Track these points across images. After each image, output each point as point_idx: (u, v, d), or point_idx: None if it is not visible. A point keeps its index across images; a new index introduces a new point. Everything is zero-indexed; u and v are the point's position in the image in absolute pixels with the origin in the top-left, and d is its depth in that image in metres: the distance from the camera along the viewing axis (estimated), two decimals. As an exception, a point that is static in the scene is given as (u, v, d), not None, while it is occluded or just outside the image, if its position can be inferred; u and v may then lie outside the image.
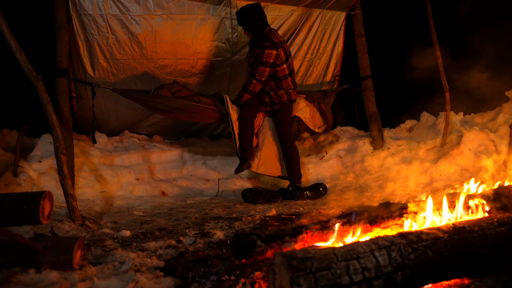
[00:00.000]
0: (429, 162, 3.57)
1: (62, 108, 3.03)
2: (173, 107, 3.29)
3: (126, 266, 1.64)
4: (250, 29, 3.10)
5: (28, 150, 3.37)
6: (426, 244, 1.28)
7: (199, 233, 2.18)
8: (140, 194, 3.48)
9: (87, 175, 3.33)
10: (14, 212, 1.49)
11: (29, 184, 2.88)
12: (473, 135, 3.63)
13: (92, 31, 3.44)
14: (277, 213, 2.76)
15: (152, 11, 3.53)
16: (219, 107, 3.38)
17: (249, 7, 3.12)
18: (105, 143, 3.92)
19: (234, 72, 4.11)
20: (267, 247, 1.49)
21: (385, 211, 1.68)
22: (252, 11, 3.09)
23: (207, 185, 3.81)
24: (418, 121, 4.50)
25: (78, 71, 3.60)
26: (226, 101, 3.32)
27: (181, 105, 3.28)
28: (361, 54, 4.27)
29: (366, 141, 4.24)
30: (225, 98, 3.35)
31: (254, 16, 3.09)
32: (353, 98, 5.62)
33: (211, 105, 3.36)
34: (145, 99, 3.33)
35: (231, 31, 3.91)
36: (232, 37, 3.93)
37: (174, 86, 3.48)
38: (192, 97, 3.39)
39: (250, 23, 3.10)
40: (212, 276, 1.52)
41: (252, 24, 3.10)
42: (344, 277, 1.14)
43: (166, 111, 3.36)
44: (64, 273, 1.52)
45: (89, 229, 2.30)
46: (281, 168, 3.46)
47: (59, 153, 2.37)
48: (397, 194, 3.25)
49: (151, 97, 3.33)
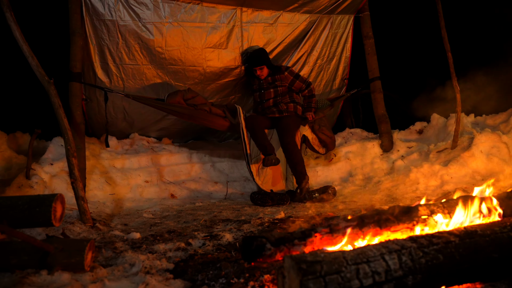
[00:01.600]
0: (440, 164, 3.53)
1: (74, 112, 3.07)
2: (185, 114, 3.51)
3: (136, 268, 1.65)
4: (269, 64, 3.77)
5: (40, 153, 3.42)
6: (437, 248, 1.27)
7: (208, 236, 2.19)
8: (149, 196, 3.51)
9: (97, 178, 3.36)
10: (27, 215, 1.52)
11: (41, 187, 2.92)
12: (484, 137, 3.57)
13: (103, 36, 3.48)
14: (286, 216, 2.76)
15: (162, 18, 3.55)
16: (229, 117, 3.62)
17: (263, 49, 3.84)
18: (115, 146, 3.97)
19: (243, 80, 4.13)
20: (276, 250, 1.49)
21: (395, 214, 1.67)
22: (265, 51, 3.85)
23: (216, 187, 3.82)
24: (428, 123, 4.45)
25: (88, 75, 3.64)
26: (239, 112, 3.57)
27: (192, 113, 3.52)
28: (369, 56, 4.25)
29: (375, 144, 4.21)
30: (238, 109, 3.58)
31: (267, 54, 3.85)
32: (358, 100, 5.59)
33: (221, 115, 3.63)
34: (157, 105, 3.50)
35: (241, 39, 3.92)
36: (242, 45, 3.95)
37: (188, 93, 3.63)
38: (203, 106, 3.59)
39: (269, 60, 3.81)
40: (221, 278, 1.52)
41: (269, 60, 3.82)
42: (354, 281, 1.14)
43: (178, 113, 3.53)
44: (75, 274, 1.54)
45: (100, 231, 2.32)
46: (286, 183, 3.61)
47: (70, 156, 2.40)
48: (407, 197, 3.22)
49: (163, 104, 3.50)
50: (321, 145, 3.83)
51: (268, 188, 3.49)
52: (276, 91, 3.71)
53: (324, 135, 3.78)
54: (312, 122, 3.74)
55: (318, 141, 3.81)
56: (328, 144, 3.82)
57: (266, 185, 3.51)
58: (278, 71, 3.75)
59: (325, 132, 3.80)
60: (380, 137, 4.23)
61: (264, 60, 3.73)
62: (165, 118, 4.12)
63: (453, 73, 3.69)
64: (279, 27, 4.04)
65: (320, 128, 3.78)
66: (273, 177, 3.58)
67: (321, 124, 3.80)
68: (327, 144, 3.82)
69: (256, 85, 3.83)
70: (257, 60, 3.71)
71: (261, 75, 3.72)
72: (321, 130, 3.78)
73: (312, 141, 3.77)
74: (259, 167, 3.52)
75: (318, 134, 3.78)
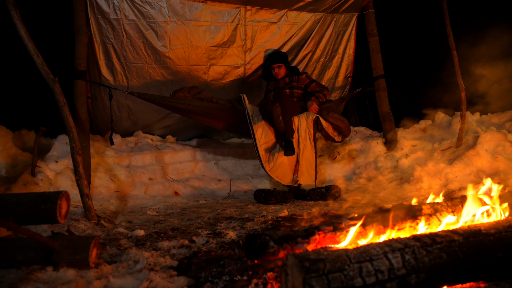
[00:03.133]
0: (444, 163, 3.52)
1: (79, 110, 3.09)
2: (192, 106, 3.44)
3: (141, 265, 1.66)
4: (287, 65, 3.92)
5: (45, 150, 3.45)
6: (440, 247, 1.26)
7: (212, 233, 2.20)
8: (153, 194, 3.52)
9: (102, 175, 3.39)
10: (33, 212, 1.54)
11: (46, 184, 2.94)
12: (490, 136, 3.55)
13: (108, 34, 3.50)
14: (289, 214, 2.76)
15: (166, 17, 3.56)
16: (236, 104, 3.56)
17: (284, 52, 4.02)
18: (119, 144, 3.99)
19: (247, 79, 4.13)
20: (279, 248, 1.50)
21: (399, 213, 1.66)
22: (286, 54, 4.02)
23: (219, 185, 3.83)
24: (433, 121, 4.43)
25: (93, 73, 3.66)
26: (243, 98, 3.48)
27: (198, 106, 3.46)
28: (373, 54, 4.23)
29: (379, 142, 4.20)
30: (242, 97, 3.50)
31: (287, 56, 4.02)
32: (365, 98, 5.57)
33: (227, 105, 3.58)
34: (162, 101, 3.44)
35: (245, 38, 3.92)
36: (245, 44, 3.94)
37: (193, 89, 3.62)
38: (210, 98, 3.57)
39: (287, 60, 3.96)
40: (225, 276, 1.53)
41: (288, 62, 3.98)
42: (357, 279, 1.14)
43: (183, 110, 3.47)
44: (80, 271, 1.56)
45: (104, 228, 2.34)
46: (292, 177, 3.52)
47: (75, 153, 2.42)
48: (411, 196, 3.21)
49: (169, 99, 3.46)
50: (336, 133, 3.75)
51: (276, 177, 3.42)
52: (292, 92, 3.77)
53: (335, 119, 3.69)
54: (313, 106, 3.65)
55: (332, 128, 3.72)
56: (343, 130, 3.72)
57: (276, 173, 3.42)
58: (295, 72, 3.88)
59: (335, 116, 3.71)
60: (384, 135, 4.22)
61: (283, 59, 3.84)
62: (169, 116, 4.14)
63: (458, 71, 3.67)
64: (283, 26, 4.05)
65: (328, 113, 3.69)
66: (283, 168, 3.47)
67: (329, 110, 3.73)
68: (342, 129, 3.72)
69: (272, 86, 3.85)
70: (276, 58, 3.83)
71: (278, 73, 3.79)
72: (330, 115, 3.69)
73: (327, 129, 3.67)
74: (269, 155, 3.45)
75: (329, 119, 3.68)
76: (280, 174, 3.45)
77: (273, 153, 3.45)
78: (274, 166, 3.43)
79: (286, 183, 3.48)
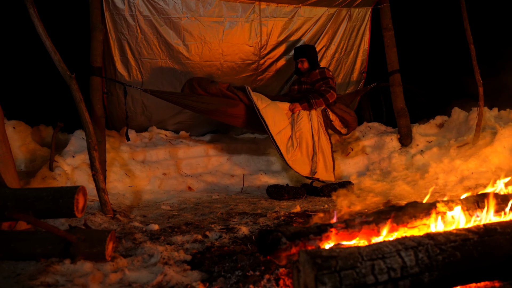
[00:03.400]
0: (460, 159, 3.45)
1: (95, 106, 3.15)
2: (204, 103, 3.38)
3: (155, 259, 1.69)
4: (312, 60, 3.77)
5: (63, 145, 3.53)
6: (454, 245, 1.25)
7: (225, 228, 2.22)
8: (167, 188, 3.57)
9: (117, 170, 3.45)
10: (51, 206, 1.58)
11: (63, 178, 3.02)
12: (508, 132, 3.47)
13: (123, 30, 3.54)
14: (302, 210, 2.76)
15: (180, 13, 3.58)
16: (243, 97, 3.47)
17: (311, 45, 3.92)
18: (134, 139, 4.05)
19: (261, 75, 4.12)
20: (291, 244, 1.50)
21: (413, 211, 1.65)
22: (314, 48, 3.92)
23: (232, 180, 3.85)
24: (449, 117, 4.34)
25: (109, 69, 3.72)
26: (247, 90, 3.42)
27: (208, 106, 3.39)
28: (388, 49, 4.16)
29: (394, 138, 4.15)
30: (246, 88, 3.44)
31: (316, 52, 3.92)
32: (380, 93, 5.49)
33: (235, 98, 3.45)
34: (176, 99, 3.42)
35: (260, 34, 3.91)
36: (260, 40, 3.93)
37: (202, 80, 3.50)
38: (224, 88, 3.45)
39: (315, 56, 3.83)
40: (238, 271, 1.54)
41: (315, 57, 3.84)
42: (369, 276, 1.14)
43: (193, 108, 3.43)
44: (97, 264, 1.60)
45: (120, 222, 2.39)
46: (311, 168, 3.46)
47: (91, 149, 2.47)
48: (425, 193, 3.17)
49: (181, 95, 3.44)
50: (342, 125, 3.71)
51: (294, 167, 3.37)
52: (300, 88, 3.72)
53: (342, 110, 3.63)
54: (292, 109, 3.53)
55: (339, 120, 3.68)
56: (349, 122, 3.68)
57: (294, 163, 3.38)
58: (314, 67, 3.73)
59: (342, 108, 3.65)
60: (399, 131, 4.16)
61: (305, 53, 3.74)
62: (183, 112, 4.17)
63: (475, 66, 3.58)
64: (297, 21, 4.02)
65: (335, 104, 3.62)
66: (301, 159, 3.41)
67: (337, 100, 3.65)
68: (348, 122, 3.67)
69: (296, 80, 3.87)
70: (299, 52, 3.76)
71: (301, 67, 3.75)
72: (336, 105, 3.62)
73: (334, 122, 3.62)
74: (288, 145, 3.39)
75: (336, 110, 3.62)
76: (298, 165, 3.40)
77: (292, 144, 3.40)
78: (292, 156, 3.38)
79: (305, 174, 3.43)
